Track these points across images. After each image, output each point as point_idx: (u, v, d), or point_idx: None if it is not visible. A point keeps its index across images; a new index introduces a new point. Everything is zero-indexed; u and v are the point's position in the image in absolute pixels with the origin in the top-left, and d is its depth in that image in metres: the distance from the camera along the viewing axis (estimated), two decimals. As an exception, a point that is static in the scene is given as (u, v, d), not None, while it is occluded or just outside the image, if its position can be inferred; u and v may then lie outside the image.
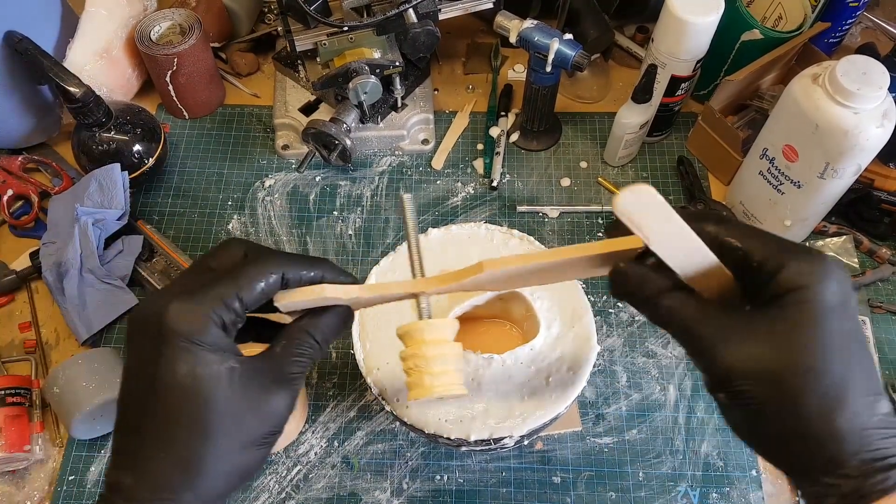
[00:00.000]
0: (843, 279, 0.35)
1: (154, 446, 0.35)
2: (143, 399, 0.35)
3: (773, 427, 0.35)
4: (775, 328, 0.34)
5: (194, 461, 0.35)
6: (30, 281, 0.79)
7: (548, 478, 0.68)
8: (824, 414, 0.33)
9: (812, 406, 0.33)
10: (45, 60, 0.75)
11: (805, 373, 0.33)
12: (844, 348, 0.34)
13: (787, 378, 0.34)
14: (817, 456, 0.34)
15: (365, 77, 0.79)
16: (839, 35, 0.90)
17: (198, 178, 0.87)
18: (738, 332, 0.35)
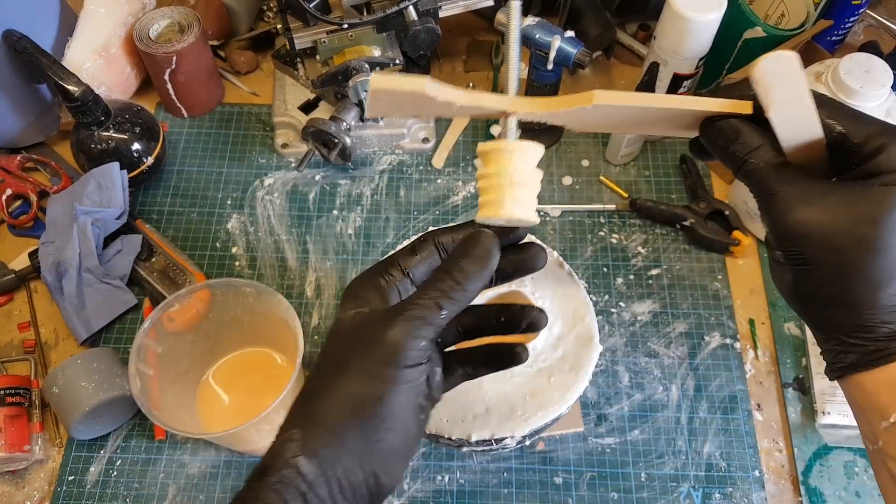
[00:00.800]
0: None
1: (305, 383, 0.40)
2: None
3: (820, 289, 0.38)
4: (850, 200, 0.37)
5: (312, 390, 0.39)
6: (29, 280, 0.79)
7: (549, 478, 0.67)
8: (872, 287, 0.36)
9: (863, 278, 0.36)
10: (44, 59, 0.75)
11: (866, 245, 0.36)
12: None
13: (849, 246, 0.36)
14: (853, 320, 0.37)
15: (365, 75, 0.78)
16: (842, 33, 0.89)
17: (197, 177, 0.87)
18: (814, 196, 0.37)
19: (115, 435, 0.70)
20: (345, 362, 0.38)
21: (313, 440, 0.37)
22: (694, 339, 0.75)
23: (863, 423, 0.40)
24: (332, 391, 0.38)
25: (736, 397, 0.71)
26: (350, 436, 0.37)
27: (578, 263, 0.80)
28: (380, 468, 0.37)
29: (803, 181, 0.38)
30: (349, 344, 0.39)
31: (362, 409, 0.37)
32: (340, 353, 0.39)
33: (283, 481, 0.35)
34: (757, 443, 0.69)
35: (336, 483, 0.36)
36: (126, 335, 0.75)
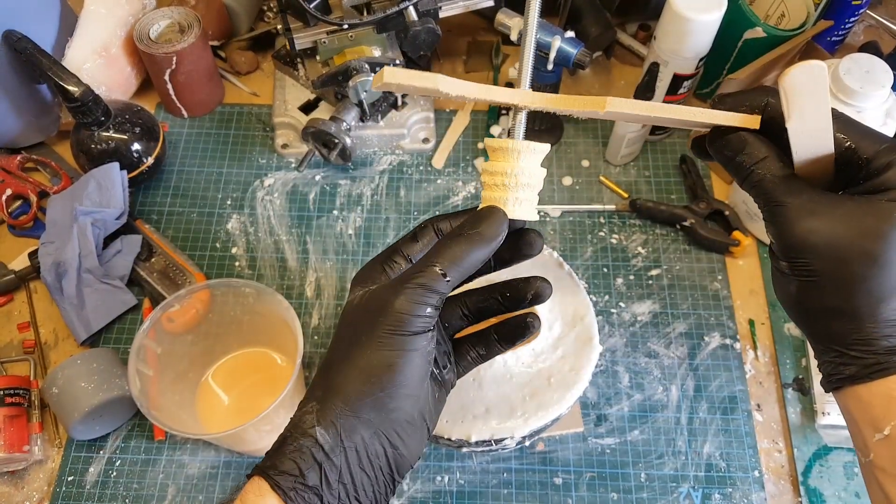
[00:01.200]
0: None
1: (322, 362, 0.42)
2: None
3: (823, 300, 0.38)
4: (857, 214, 0.37)
5: (327, 366, 0.40)
6: (28, 281, 0.79)
7: (549, 479, 0.67)
8: (874, 301, 0.37)
9: (866, 291, 0.37)
10: (44, 59, 0.75)
11: (871, 259, 0.36)
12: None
13: (854, 259, 0.36)
14: (854, 333, 0.38)
15: (365, 75, 0.78)
16: (842, 33, 0.89)
17: (197, 178, 0.87)
18: (821, 208, 0.37)
19: (115, 435, 0.70)
20: (356, 335, 0.39)
21: (329, 411, 0.38)
22: (694, 339, 0.75)
23: (856, 436, 0.40)
24: (345, 363, 0.39)
25: (736, 398, 0.71)
26: (365, 405, 0.38)
27: (578, 264, 0.80)
28: (396, 438, 0.39)
29: (810, 193, 0.38)
30: (359, 318, 0.40)
31: (376, 378, 0.38)
32: (352, 328, 0.40)
33: (301, 450, 0.37)
34: (757, 443, 0.69)
35: (354, 452, 0.38)
36: (126, 335, 0.75)
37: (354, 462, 0.38)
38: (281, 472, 0.37)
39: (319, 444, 0.37)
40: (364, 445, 0.38)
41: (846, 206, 0.37)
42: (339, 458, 0.37)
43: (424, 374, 0.39)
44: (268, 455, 0.38)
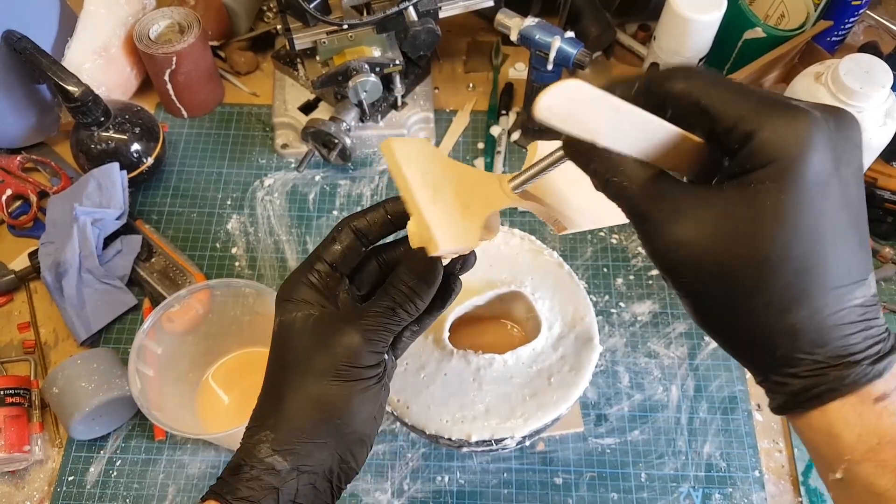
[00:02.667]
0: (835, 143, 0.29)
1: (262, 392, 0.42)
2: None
3: (720, 323, 0.31)
4: (731, 210, 0.29)
5: (277, 392, 0.40)
6: (28, 281, 0.79)
7: (549, 479, 0.67)
8: (778, 311, 0.29)
9: (764, 302, 0.29)
10: (44, 59, 0.75)
11: (759, 265, 0.29)
12: (816, 234, 0.29)
13: (737, 269, 0.29)
14: (767, 353, 0.30)
15: (365, 75, 0.78)
16: (842, 33, 0.89)
17: (197, 178, 0.87)
18: (687, 213, 0.30)
19: (115, 435, 0.70)
20: (308, 363, 0.40)
21: (285, 439, 0.39)
22: (694, 339, 0.75)
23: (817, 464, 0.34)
24: (298, 391, 0.40)
25: (736, 398, 0.71)
26: (321, 432, 0.40)
27: (578, 263, 0.80)
28: (349, 457, 0.41)
29: (675, 194, 0.31)
30: (308, 346, 0.40)
31: (333, 408, 0.40)
32: (301, 353, 0.40)
33: (259, 478, 0.38)
34: (757, 443, 0.69)
35: (308, 475, 0.39)
36: (126, 336, 0.75)
37: (307, 483, 0.39)
38: (238, 498, 0.38)
39: (276, 471, 0.39)
40: (319, 466, 0.40)
41: (713, 203, 0.30)
42: (294, 482, 0.39)
43: (377, 396, 0.41)
44: (222, 480, 0.40)
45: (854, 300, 0.30)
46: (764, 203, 0.29)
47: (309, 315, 0.41)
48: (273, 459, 0.39)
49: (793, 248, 0.29)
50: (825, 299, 0.29)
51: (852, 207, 0.30)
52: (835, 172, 0.29)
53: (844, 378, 0.29)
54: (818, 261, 0.29)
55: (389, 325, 0.40)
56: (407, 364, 0.56)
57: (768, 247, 0.29)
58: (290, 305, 0.41)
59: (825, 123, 0.29)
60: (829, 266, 0.29)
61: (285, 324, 0.41)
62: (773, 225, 0.28)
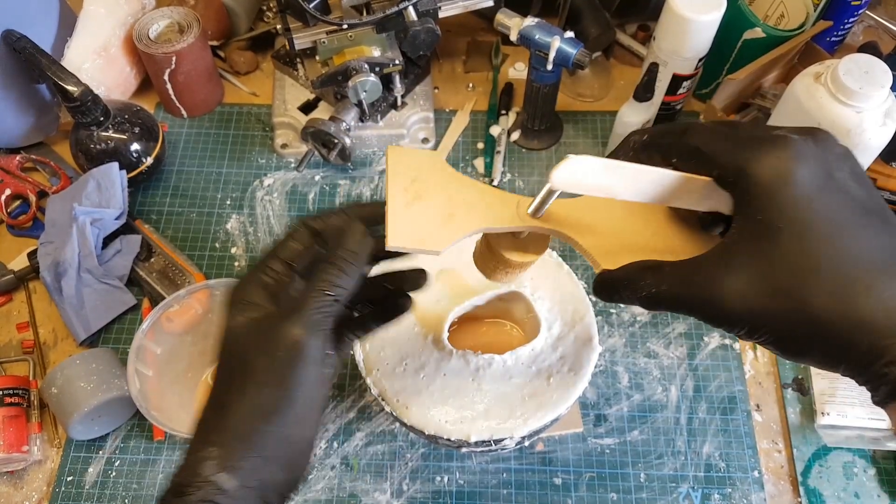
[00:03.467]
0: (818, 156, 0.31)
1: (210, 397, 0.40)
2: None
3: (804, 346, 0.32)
4: (751, 254, 0.31)
5: (220, 403, 0.39)
6: (28, 281, 0.78)
7: (549, 479, 0.67)
8: (842, 315, 0.30)
9: (825, 316, 0.30)
10: (43, 59, 0.75)
11: (799, 290, 0.30)
12: (837, 233, 0.30)
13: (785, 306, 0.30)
14: (855, 353, 0.30)
15: (364, 75, 0.78)
16: (841, 34, 0.89)
17: (196, 178, 0.87)
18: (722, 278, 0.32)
19: (114, 435, 0.70)
20: (250, 371, 0.38)
21: (231, 456, 0.37)
22: (693, 339, 0.75)
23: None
24: (241, 401, 0.38)
25: (735, 398, 0.71)
26: (268, 443, 0.37)
27: (578, 264, 0.80)
28: (297, 465, 0.39)
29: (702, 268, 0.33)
30: (249, 350, 0.38)
31: (278, 414, 0.37)
32: (243, 361, 0.38)
33: (206, 499, 0.36)
34: (756, 443, 0.69)
35: (255, 489, 0.37)
36: (125, 335, 0.75)
37: (258, 499, 0.37)
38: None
39: (224, 491, 0.36)
40: (269, 480, 0.38)
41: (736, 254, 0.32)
42: (241, 498, 0.37)
43: (322, 396, 0.40)
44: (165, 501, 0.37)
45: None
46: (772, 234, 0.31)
47: (251, 318, 0.39)
48: (219, 477, 0.36)
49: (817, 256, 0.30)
50: (882, 282, 0.30)
51: (860, 200, 0.31)
52: (828, 179, 0.31)
53: None
54: (853, 253, 0.30)
55: (324, 307, 0.38)
56: (406, 364, 0.56)
57: (794, 269, 0.30)
58: (236, 309, 0.39)
59: (804, 143, 0.32)
60: (868, 251, 0.30)
61: (229, 331, 0.39)
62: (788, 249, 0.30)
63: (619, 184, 0.35)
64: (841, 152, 0.33)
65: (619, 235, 0.39)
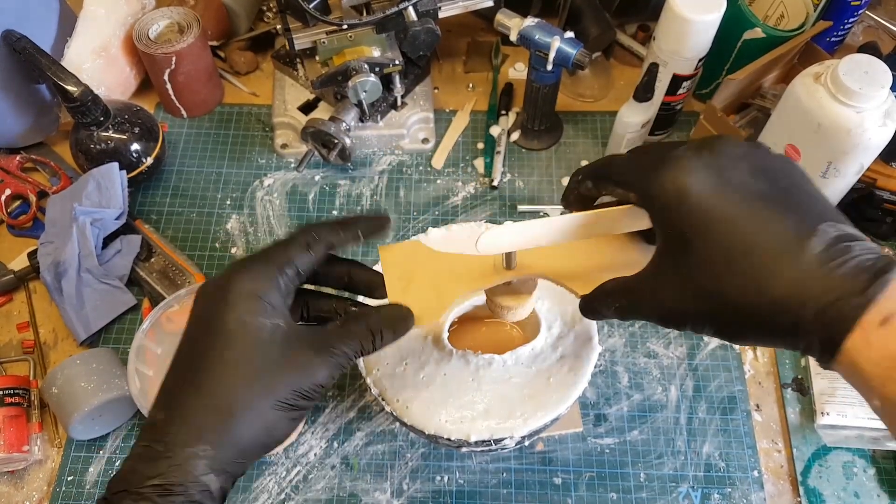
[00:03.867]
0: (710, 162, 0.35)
1: (191, 385, 0.37)
2: (190, 347, 0.39)
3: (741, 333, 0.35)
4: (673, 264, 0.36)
5: (225, 403, 0.37)
6: (28, 281, 0.79)
7: (549, 479, 0.67)
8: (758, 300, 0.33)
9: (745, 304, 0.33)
10: (43, 59, 0.75)
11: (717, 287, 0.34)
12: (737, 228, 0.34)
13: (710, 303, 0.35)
14: (781, 329, 0.33)
15: (364, 75, 0.78)
16: (841, 34, 0.89)
17: (196, 178, 0.87)
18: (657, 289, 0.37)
19: (115, 435, 0.70)
20: (271, 385, 0.38)
21: (223, 460, 0.37)
22: (693, 339, 0.75)
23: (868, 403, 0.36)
24: (253, 413, 0.37)
25: (735, 398, 0.71)
26: (257, 456, 0.39)
27: (578, 264, 0.80)
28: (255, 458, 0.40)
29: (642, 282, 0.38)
30: (275, 365, 0.38)
31: (279, 435, 0.39)
32: (265, 372, 0.38)
33: (192, 499, 0.36)
34: (756, 443, 0.69)
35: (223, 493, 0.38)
36: (125, 335, 0.75)
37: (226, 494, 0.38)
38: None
39: (209, 491, 0.36)
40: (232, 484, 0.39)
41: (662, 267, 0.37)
42: (219, 498, 0.37)
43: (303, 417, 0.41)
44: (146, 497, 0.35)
45: (812, 250, 0.33)
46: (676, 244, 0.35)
47: (276, 326, 0.39)
48: (208, 478, 0.36)
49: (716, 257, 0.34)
50: (783, 263, 0.33)
51: (758, 193, 0.35)
52: (721, 183, 0.35)
53: (841, 316, 0.31)
54: (750, 247, 0.33)
55: (349, 363, 0.40)
56: (406, 364, 0.56)
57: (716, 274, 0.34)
58: (258, 305, 0.39)
59: (694, 156, 0.36)
60: (762, 243, 0.33)
61: (253, 327, 0.38)
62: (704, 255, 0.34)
63: (538, 237, 0.41)
64: (739, 153, 0.36)
65: (585, 263, 0.44)
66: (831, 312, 0.32)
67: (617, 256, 0.44)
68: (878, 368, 0.31)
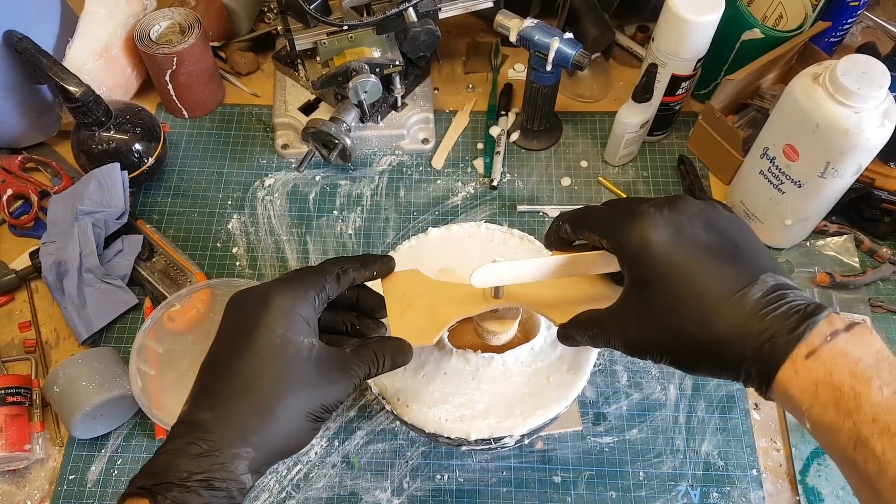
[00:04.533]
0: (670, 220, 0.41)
1: (238, 390, 0.41)
2: (234, 354, 0.42)
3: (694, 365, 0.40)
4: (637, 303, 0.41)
5: (269, 409, 0.40)
6: (29, 280, 0.79)
7: (548, 477, 0.68)
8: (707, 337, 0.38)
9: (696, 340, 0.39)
10: (45, 59, 0.75)
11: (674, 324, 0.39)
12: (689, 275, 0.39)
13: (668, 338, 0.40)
14: (727, 363, 0.38)
15: (365, 76, 0.79)
16: (840, 34, 0.89)
17: (197, 178, 0.87)
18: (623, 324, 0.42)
19: (116, 434, 0.70)
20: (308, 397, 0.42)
21: (263, 461, 0.41)
22: (692, 338, 0.75)
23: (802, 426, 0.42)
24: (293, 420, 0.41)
25: (734, 397, 0.72)
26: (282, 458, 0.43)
27: (577, 264, 0.80)
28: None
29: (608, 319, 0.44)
30: (313, 379, 0.42)
31: (299, 445, 0.43)
32: (305, 384, 0.42)
33: (231, 495, 0.39)
34: (755, 442, 0.69)
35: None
36: (127, 335, 0.75)
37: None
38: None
39: (245, 488, 0.40)
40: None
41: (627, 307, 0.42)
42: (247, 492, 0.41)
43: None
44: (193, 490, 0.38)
45: (753, 296, 0.38)
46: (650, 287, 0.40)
47: (312, 346, 0.43)
48: (246, 477, 0.40)
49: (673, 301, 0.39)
50: (725, 309, 0.38)
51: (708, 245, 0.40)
52: (678, 236, 0.40)
53: (775, 351, 0.37)
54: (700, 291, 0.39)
55: (360, 383, 0.45)
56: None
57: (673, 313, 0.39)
58: (299, 325, 0.43)
59: (658, 213, 0.41)
60: (711, 288, 0.39)
61: (295, 345, 0.42)
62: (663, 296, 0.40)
63: (525, 275, 0.47)
64: (695, 211, 0.42)
65: (563, 296, 0.50)
66: (767, 348, 0.37)
67: (591, 291, 0.50)
68: (804, 394, 0.36)
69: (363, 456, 0.69)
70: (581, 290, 0.50)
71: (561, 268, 0.47)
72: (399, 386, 0.56)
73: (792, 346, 0.36)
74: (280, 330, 0.42)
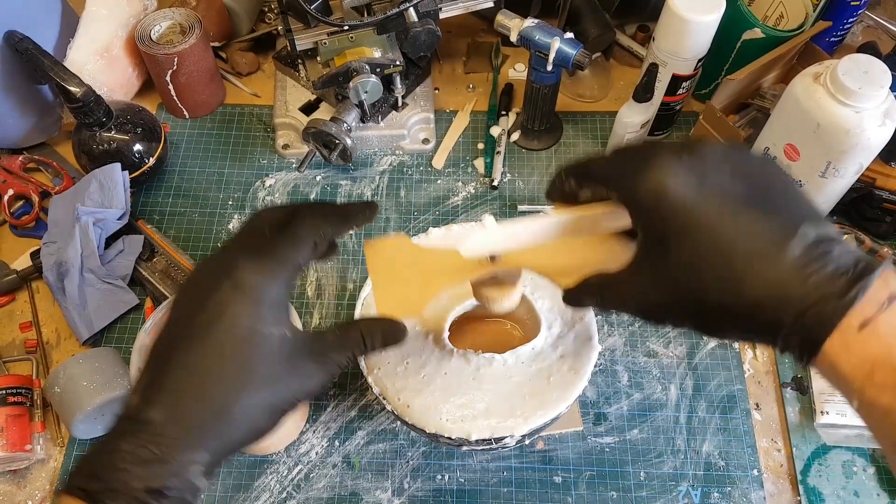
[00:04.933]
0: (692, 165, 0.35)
1: (196, 388, 0.37)
2: (192, 344, 0.37)
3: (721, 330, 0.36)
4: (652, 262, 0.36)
5: (229, 411, 0.37)
6: (30, 281, 0.79)
7: (549, 477, 0.68)
8: (735, 300, 0.33)
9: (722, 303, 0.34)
10: (46, 60, 0.75)
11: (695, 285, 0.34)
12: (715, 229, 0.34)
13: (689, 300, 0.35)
14: (760, 329, 0.34)
15: (365, 76, 0.79)
16: (840, 34, 0.89)
17: (198, 178, 0.87)
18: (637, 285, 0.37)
19: (117, 434, 0.70)
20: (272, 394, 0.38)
21: (216, 463, 0.38)
22: (693, 338, 0.75)
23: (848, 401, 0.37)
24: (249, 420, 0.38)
25: (734, 397, 0.72)
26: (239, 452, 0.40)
27: (578, 264, 0.80)
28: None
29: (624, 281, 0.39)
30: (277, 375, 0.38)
31: (257, 438, 0.39)
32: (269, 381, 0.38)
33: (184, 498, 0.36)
34: (756, 442, 0.69)
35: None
36: (128, 335, 0.76)
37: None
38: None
39: (199, 490, 0.37)
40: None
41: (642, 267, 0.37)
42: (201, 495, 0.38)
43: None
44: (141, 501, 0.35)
45: (791, 252, 0.33)
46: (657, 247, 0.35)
47: (283, 337, 0.39)
48: (201, 481, 0.37)
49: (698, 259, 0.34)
50: (761, 266, 0.33)
51: (738, 195, 0.35)
52: (702, 184, 0.35)
53: (821, 320, 0.32)
54: (727, 248, 0.33)
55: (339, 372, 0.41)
56: (407, 363, 0.57)
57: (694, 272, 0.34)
58: (268, 313, 0.38)
59: (675, 158, 0.35)
60: (740, 244, 0.33)
61: (263, 337, 0.38)
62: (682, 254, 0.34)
63: (524, 240, 0.43)
64: (719, 155, 0.36)
65: (569, 257, 0.45)
66: (811, 315, 0.32)
67: (600, 252, 0.44)
68: (857, 371, 0.32)
69: (364, 456, 0.69)
70: (588, 250, 0.45)
71: (564, 228, 0.42)
72: (400, 386, 0.56)
73: (841, 314, 0.31)
74: (246, 321, 0.37)
